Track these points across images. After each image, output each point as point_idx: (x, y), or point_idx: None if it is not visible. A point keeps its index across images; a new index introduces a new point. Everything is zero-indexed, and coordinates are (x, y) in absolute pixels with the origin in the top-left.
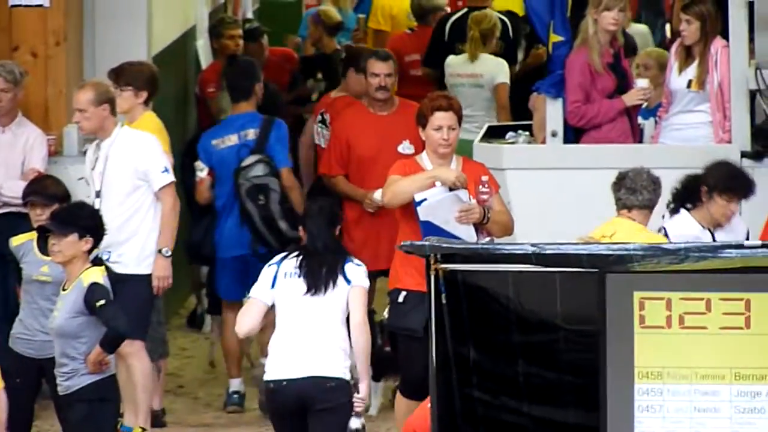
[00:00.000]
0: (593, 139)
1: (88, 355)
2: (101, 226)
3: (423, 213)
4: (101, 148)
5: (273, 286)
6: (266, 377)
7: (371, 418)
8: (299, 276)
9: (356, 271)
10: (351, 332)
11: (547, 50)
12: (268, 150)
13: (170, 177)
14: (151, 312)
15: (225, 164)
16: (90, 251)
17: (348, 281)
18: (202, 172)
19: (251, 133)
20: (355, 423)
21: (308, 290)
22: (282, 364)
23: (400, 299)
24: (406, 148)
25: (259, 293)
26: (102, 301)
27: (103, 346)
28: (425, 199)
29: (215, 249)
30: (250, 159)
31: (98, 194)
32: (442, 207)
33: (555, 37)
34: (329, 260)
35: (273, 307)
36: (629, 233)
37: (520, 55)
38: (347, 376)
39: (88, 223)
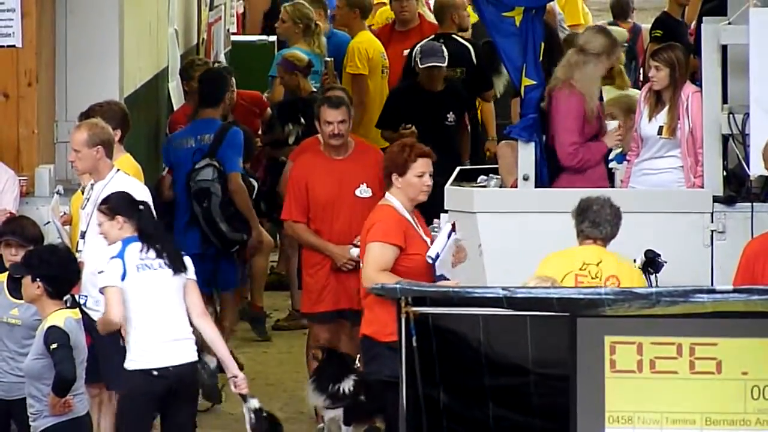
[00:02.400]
0: (571, 182)
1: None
2: (57, 274)
3: (439, 268)
4: (93, 190)
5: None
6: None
7: None
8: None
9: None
10: (201, 323)
11: (519, 94)
12: (220, 155)
13: None
14: None
15: (181, 166)
16: (55, 295)
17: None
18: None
19: (206, 138)
20: (254, 403)
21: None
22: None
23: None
24: (363, 191)
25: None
26: (54, 345)
27: (53, 389)
28: (438, 254)
29: None
30: (201, 163)
31: (83, 235)
32: (448, 254)
33: (527, 81)
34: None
35: None
36: (615, 264)
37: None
38: None
39: (40, 268)
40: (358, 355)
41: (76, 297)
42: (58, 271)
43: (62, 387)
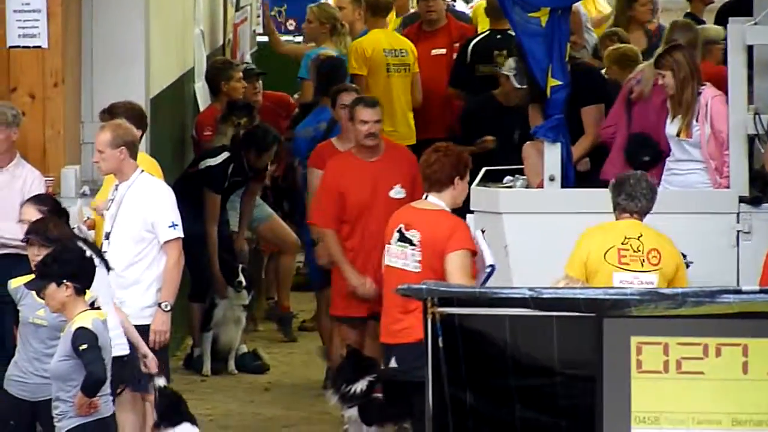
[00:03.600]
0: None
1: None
2: (80, 268)
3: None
4: (118, 191)
5: None
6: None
7: None
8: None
9: None
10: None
11: (546, 94)
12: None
13: (177, 233)
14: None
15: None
16: (82, 291)
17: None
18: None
19: (322, 126)
20: (160, 381)
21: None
22: None
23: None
24: (397, 192)
25: None
26: (84, 346)
27: (83, 390)
28: (492, 265)
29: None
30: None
31: (107, 236)
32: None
33: (553, 81)
34: None
35: None
36: (655, 238)
37: None
38: None
39: (61, 269)
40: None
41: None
42: (79, 265)
43: (93, 387)
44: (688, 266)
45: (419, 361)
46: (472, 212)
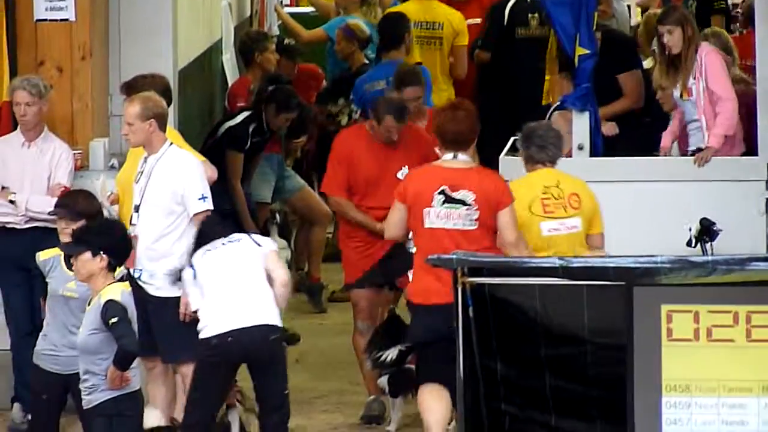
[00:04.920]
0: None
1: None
2: (119, 244)
3: None
4: (147, 163)
5: None
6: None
7: None
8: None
9: None
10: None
11: (573, 63)
12: None
13: (206, 205)
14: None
15: None
16: (112, 267)
17: None
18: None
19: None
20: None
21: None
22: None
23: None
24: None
25: None
26: (114, 319)
27: (115, 363)
28: None
29: None
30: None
31: (137, 209)
32: None
33: (581, 50)
34: None
35: None
36: (572, 182)
37: None
38: None
39: (101, 241)
40: None
41: (131, 271)
42: (119, 242)
43: (125, 361)
44: (717, 234)
45: None
46: None
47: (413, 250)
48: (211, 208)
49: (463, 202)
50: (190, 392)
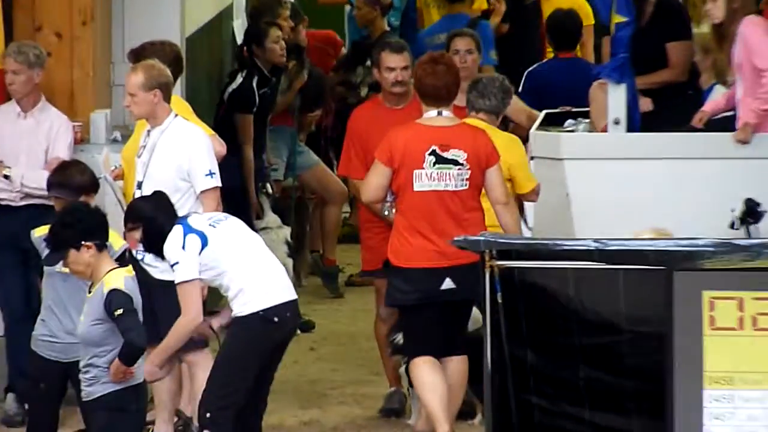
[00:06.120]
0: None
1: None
2: (92, 224)
3: None
4: (150, 137)
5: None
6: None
7: (412, 427)
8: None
9: None
10: None
11: (609, 32)
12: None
13: (214, 181)
14: None
15: None
16: (102, 246)
17: None
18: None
19: None
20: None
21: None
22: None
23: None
24: None
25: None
26: (120, 310)
27: (120, 358)
28: None
29: None
30: None
31: (140, 186)
32: None
33: (617, 18)
34: None
35: None
36: (501, 137)
37: None
38: None
39: (73, 233)
40: None
41: (134, 252)
42: (90, 220)
43: (132, 355)
44: (763, 215)
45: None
46: (531, 158)
47: (387, 213)
48: (219, 185)
49: (455, 162)
50: (219, 376)
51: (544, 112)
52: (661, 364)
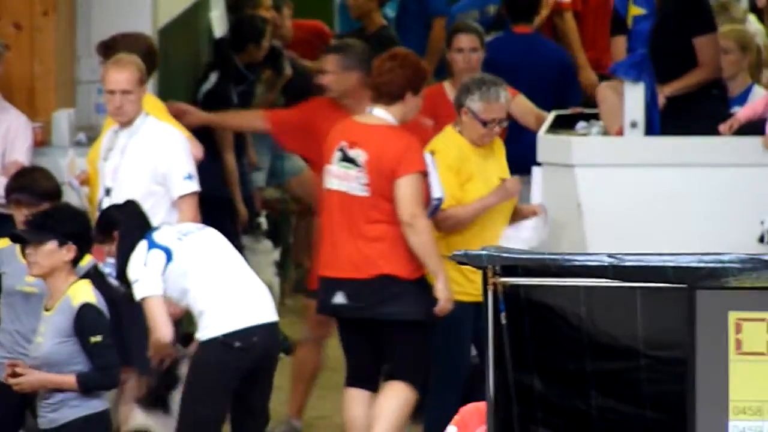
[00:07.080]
0: None
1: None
2: (87, 232)
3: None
4: (119, 137)
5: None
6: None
7: None
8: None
9: None
10: None
11: (626, 25)
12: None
13: (193, 186)
14: None
15: None
16: (75, 261)
17: None
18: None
19: (492, 9)
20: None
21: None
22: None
23: None
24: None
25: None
26: (98, 338)
27: (81, 386)
28: (440, 198)
29: None
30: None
31: (108, 192)
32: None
33: (636, 10)
34: None
35: None
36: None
37: None
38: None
39: (69, 227)
40: None
41: (99, 266)
42: (87, 230)
43: (92, 389)
44: None
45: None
46: (539, 164)
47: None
48: (198, 189)
49: (354, 162)
50: (187, 411)
51: (554, 113)
52: (682, 393)
